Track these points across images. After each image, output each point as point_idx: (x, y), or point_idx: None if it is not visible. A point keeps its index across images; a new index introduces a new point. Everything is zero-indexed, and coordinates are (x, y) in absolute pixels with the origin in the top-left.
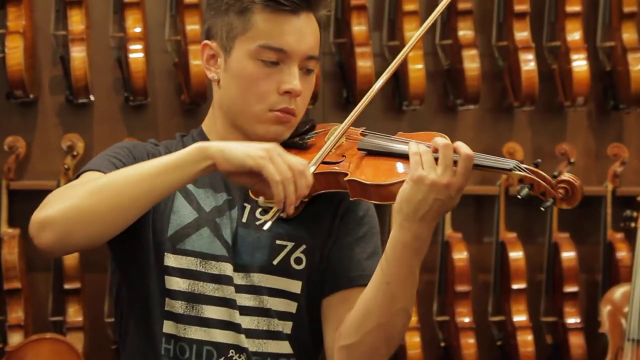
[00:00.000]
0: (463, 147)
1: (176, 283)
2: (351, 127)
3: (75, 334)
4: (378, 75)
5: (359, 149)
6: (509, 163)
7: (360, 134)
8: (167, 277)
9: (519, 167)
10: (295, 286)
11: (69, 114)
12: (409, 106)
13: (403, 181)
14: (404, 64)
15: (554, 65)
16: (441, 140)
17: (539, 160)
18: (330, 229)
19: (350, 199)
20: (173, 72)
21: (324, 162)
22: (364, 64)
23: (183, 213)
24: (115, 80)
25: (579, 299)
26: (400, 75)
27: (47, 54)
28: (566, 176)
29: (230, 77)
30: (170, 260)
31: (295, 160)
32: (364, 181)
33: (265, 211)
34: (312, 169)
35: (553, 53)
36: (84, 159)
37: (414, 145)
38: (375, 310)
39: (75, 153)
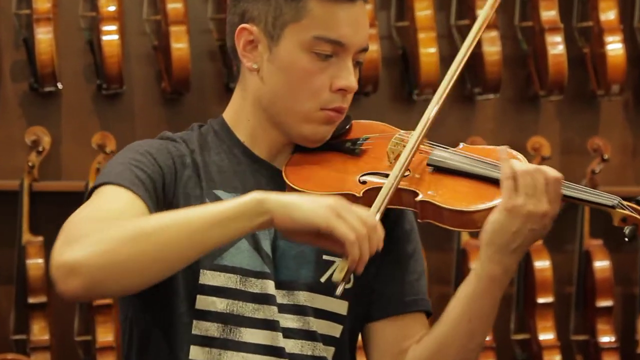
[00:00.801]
0: (551, 170)
1: (212, 303)
2: (403, 133)
3: (41, 354)
4: (385, 61)
5: (429, 165)
6: (612, 199)
7: (427, 144)
8: (199, 297)
9: (622, 205)
10: (342, 307)
11: (33, 104)
12: (420, 95)
13: (490, 209)
14: (415, 48)
15: (586, 49)
16: (527, 166)
17: None
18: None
19: (419, 220)
20: (152, 56)
21: (384, 175)
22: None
23: None
24: (86, 66)
25: (614, 314)
26: (410, 60)
27: (8, 35)
28: None
29: (277, 69)
30: (207, 277)
31: (364, 213)
32: (440, 204)
33: None
34: (377, 217)
35: (584, 35)
36: (51, 156)
37: (508, 168)
38: (450, 349)
39: (40, 149)
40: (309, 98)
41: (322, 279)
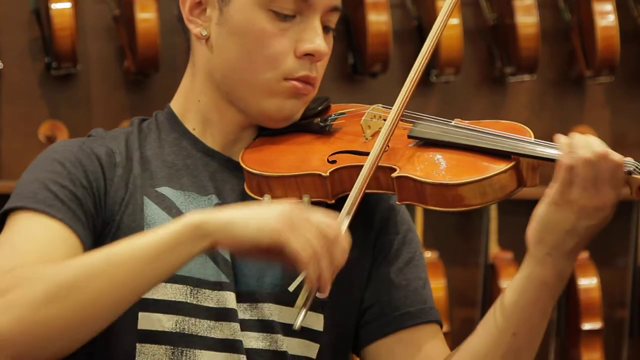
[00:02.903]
0: (617, 156)
1: (158, 321)
2: (383, 106)
3: None
4: (396, 35)
5: (410, 138)
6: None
7: (405, 115)
8: (142, 315)
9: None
10: (317, 322)
11: None
12: (439, 76)
13: (478, 181)
14: (433, 19)
15: None
16: (590, 150)
17: None
18: (364, 245)
19: (397, 202)
20: (113, 29)
21: (357, 153)
22: (377, 18)
23: (160, 225)
24: (32, 41)
25: None
26: (426, 34)
27: None
28: None
29: (229, 33)
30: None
31: (324, 221)
32: (420, 178)
33: None
34: (345, 224)
35: None
36: None
37: (567, 156)
38: None
39: None
40: (268, 66)
41: (290, 288)
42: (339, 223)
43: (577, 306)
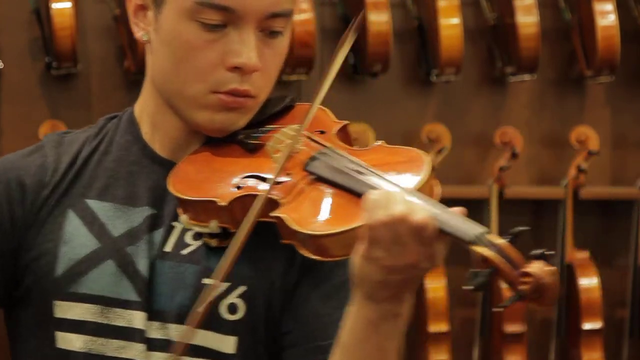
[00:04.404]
0: (418, 215)
1: (70, 341)
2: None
3: None
4: (397, 34)
5: (307, 171)
6: (474, 230)
7: (321, 144)
8: (58, 335)
9: (484, 241)
10: (227, 344)
11: None
12: (440, 76)
13: (340, 234)
14: (433, 18)
15: None
16: (389, 213)
17: (543, 251)
18: (287, 266)
19: (282, 241)
20: (113, 29)
21: (264, 179)
22: (377, 18)
23: (78, 242)
24: (32, 41)
25: None
26: (428, 33)
27: None
28: (534, 268)
29: (162, 42)
30: (62, 309)
31: None
32: (289, 224)
33: (199, 235)
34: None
35: None
36: None
37: (370, 211)
38: None
39: None
40: (196, 78)
41: (199, 309)
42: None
43: (577, 306)
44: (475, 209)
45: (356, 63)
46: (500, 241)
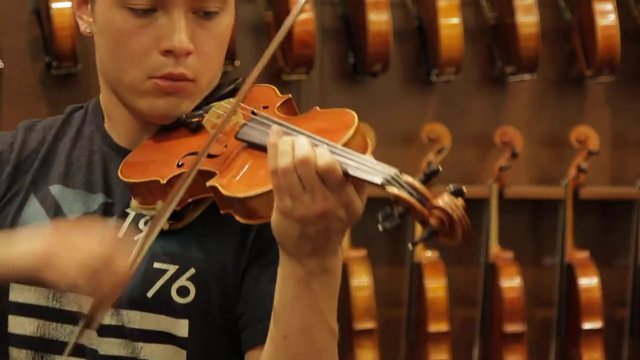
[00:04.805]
0: (320, 157)
1: (21, 325)
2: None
3: None
4: (397, 34)
5: (238, 139)
6: (384, 172)
7: (252, 112)
8: (11, 318)
9: (394, 181)
10: (180, 327)
11: None
12: (440, 76)
13: (263, 194)
14: (433, 18)
15: None
16: (296, 145)
17: (462, 187)
18: (239, 249)
19: (222, 212)
20: None
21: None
22: (377, 17)
23: (35, 225)
24: (32, 41)
25: None
26: (428, 33)
27: None
28: (443, 202)
29: (98, 32)
30: (16, 292)
31: (94, 246)
32: (222, 190)
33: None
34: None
35: None
36: None
37: (272, 159)
38: None
39: None
40: (132, 65)
41: (149, 294)
42: (120, 244)
43: (577, 306)
44: (476, 209)
45: (356, 63)
46: (410, 179)
